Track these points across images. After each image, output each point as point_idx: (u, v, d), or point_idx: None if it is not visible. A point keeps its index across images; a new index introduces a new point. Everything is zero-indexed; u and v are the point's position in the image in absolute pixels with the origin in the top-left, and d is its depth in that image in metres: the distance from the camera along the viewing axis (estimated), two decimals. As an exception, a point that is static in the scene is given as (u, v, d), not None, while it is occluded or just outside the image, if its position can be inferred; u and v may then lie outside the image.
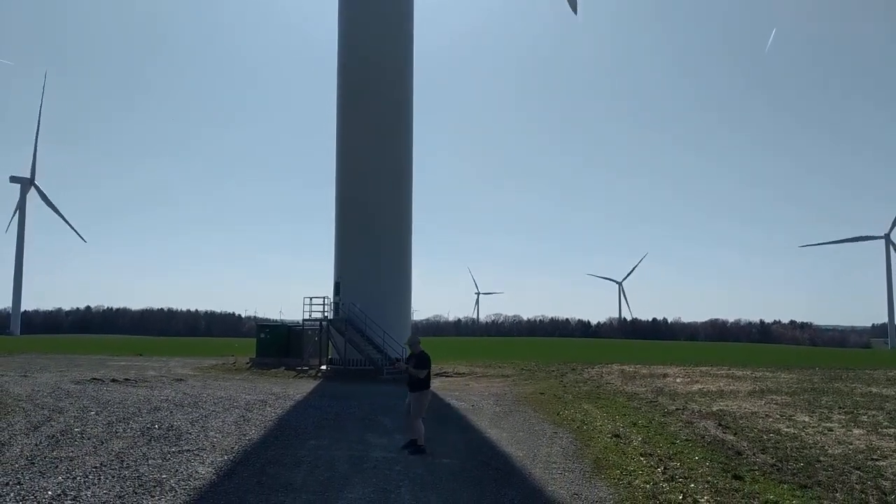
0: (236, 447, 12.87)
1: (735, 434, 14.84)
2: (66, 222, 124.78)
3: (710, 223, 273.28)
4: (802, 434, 14.97)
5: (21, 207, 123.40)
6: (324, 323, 34.78)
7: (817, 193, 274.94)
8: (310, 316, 35.41)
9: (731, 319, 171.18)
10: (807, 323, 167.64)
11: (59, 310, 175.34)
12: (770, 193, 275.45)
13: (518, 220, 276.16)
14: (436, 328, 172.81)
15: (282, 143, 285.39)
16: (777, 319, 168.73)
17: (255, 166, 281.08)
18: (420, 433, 12.51)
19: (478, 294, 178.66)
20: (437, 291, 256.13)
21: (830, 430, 15.65)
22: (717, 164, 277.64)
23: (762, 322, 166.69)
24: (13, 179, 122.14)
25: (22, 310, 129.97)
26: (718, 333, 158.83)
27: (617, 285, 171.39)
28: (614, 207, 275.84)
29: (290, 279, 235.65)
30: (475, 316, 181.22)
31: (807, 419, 17.44)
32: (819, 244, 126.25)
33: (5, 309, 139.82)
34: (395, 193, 34.84)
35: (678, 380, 29.73)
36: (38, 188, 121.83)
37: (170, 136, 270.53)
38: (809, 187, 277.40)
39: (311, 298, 35.29)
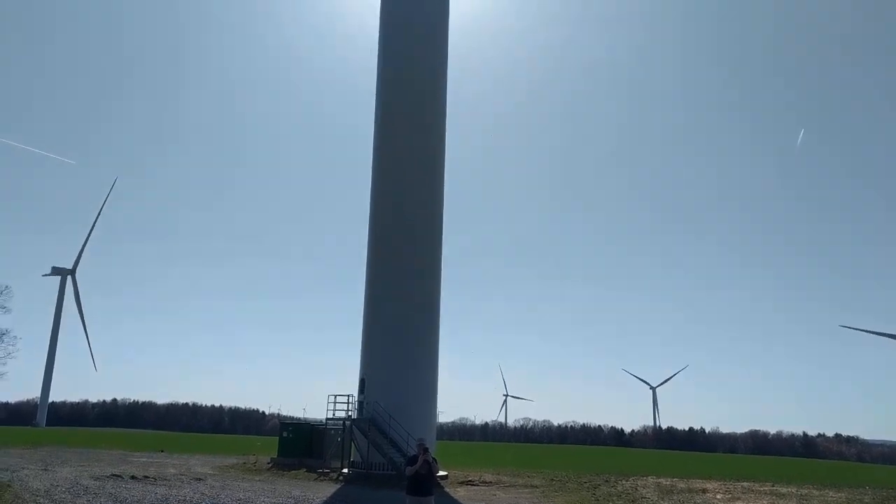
0: (250, 555, 12.27)
1: (783, 559, 13.72)
2: (87, 337, 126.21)
3: (749, 326, 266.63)
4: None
5: (60, 298, 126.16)
6: (347, 423, 34.05)
7: (862, 294, 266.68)
8: (333, 415, 34.78)
9: (772, 431, 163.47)
10: (853, 437, 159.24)
11: (86, 402, 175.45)
12: (811, 301, 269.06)
13: (550, 321, 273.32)
14: (462, 431, 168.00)
15: (314, 239, 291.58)
16: (821, 432, 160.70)
17: (285, 261, 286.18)
18: None
19: (506, 396, 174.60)
20: (464, 393, 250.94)
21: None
22: (757, 266, 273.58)
23: (805, 434, 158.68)
24: (55, 270, 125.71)
25: (49, 401, 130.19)
26: (759, 446, 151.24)
27: (651, 390, 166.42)
28: (650, 309, 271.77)
29: (316, 375, 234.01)
30: (503, 419, 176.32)
31: (861, 545, 16.11)
32: (859, 329, 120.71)
33: (33, 399, 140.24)
34: (424, 292, 34.89)
35: (718, 496, 28.04)
36: (75, 282, 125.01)
37: (200, 230, 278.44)
38: (852, 293, 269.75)
39: (335, 396, 34.83)
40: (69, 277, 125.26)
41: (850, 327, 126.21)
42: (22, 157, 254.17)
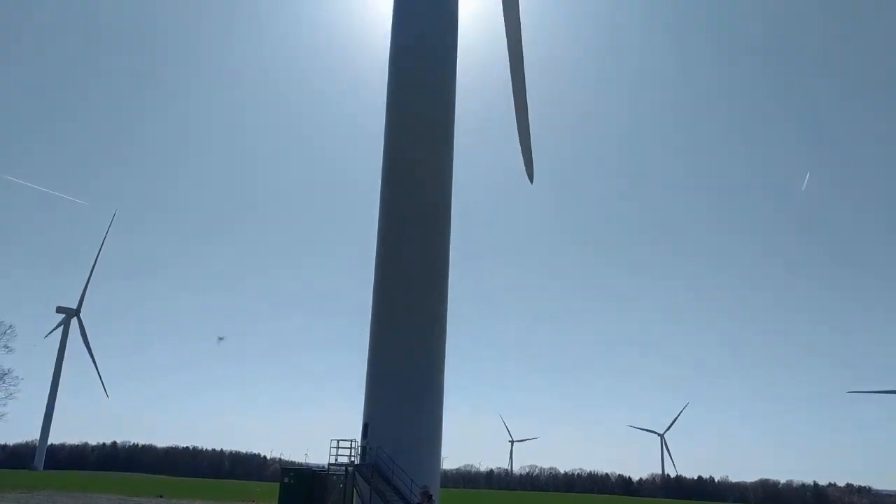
0: None
1: None
2: (97, 369, 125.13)
3: (759, 374, 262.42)
4: None
5: (63, 338, 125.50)
6: (350, 468, 33.42)
7: (869, 344, 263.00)
8: (336, 460, 34.16)
9: (782, 480, 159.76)
10: (865, 487, 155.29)
11: (85, 444, 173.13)
12: (821, 343, 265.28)
13: (556, 365, 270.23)
14: (466, 479, 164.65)
15: (317, 281, 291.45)
16: (832, 482, 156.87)
17: (289, 302, 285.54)
18: None
19: (512, 442, 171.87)
20: (469, 439, 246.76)
21: None
22: (768, 314, 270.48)
23: (816, 484, 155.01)
24: (59, 310, 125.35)
25: (48, 443, 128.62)
26: (770, 495, 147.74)
27: (659, 438, 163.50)
28: (657, 355, 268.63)
29: (319, 419, 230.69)
30: (509, 467, 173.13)
31: None
32: (868, 392, 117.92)
33: (32, 441, 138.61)
34: (429, 336, 34.65)
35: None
36: (80, 320, 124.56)
37: (203, 273, 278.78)
38: (860, 339, 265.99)
39: (338, 441, 34.24)
40: (74, 319, 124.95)
41: (857, 391, 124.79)
42: (31, 196, 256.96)
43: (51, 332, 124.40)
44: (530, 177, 46.97)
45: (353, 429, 35.67)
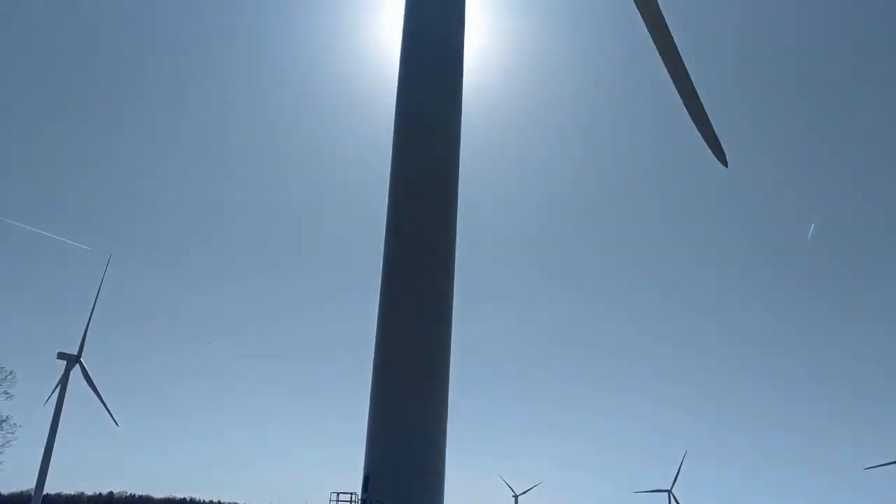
0: None
1: None
2: (103, 403, 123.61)
3: (772, 435, 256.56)
4: None
5: (63, 385, 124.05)
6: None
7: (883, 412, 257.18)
8: (335, 514, 33.21)
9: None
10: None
11: (82, 494, 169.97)
12: (839, 409, 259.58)
13: (559, 417, 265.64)
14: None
15: (319, 330, 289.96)
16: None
17: (288, 351, 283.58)
18: None
19: (515, 497, 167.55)
20: (472, 493, 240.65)
21: None
22: (778, 376, 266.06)
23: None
24: (60, 356, 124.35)
25: (44, 492, 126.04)
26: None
27: (667, 494, 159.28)
28: (663, 415, 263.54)
29: (319, 470, 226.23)
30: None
31: None
32: (886, 464, 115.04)
33: (28, 490, 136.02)
34: (432, 385, 34.07)
35: None
36: (82, 365, 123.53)
37: (200, 318, 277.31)
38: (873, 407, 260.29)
39: (338, 494, 33.34)
40: (75, 366, 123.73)
41: (874, 466, 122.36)
42: (33, 241, 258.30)
43: (49, 397, 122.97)
44: (724, 162, 46.39)
45: (353, 481, 34.82)
